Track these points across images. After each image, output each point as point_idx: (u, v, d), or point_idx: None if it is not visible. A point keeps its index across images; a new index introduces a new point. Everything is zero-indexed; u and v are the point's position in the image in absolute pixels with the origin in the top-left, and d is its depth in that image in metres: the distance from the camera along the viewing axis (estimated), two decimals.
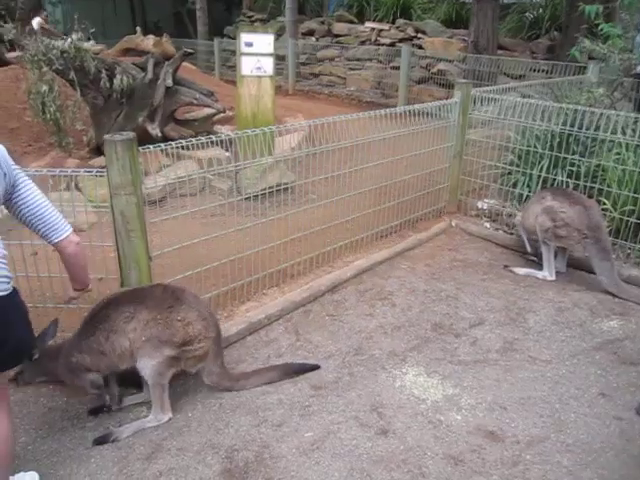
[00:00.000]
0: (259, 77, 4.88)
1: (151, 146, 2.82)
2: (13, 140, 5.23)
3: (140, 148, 2.96)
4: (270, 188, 3.72)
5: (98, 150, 5.15)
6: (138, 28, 7.53)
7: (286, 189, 3.85)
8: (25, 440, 2.39)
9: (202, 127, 5.46)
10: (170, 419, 2.47)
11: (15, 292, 1.82)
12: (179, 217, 2.99)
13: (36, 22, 11.69)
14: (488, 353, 2.98)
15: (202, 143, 3.01)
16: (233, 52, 13.12)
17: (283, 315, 3.30)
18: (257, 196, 3.78)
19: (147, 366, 2.32)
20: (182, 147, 2.99)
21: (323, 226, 3.79)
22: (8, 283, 1.73)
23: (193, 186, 4.75)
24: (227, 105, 5.96)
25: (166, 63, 4.91)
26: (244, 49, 4.76)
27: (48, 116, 4.22)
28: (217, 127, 5.74)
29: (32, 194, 1.90)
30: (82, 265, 2.14)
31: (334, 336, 3.12)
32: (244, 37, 4.71)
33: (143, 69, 5.01)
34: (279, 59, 11.87)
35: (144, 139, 4.80)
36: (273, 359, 2.93)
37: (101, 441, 2.35)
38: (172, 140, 5.04)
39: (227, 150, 4.45)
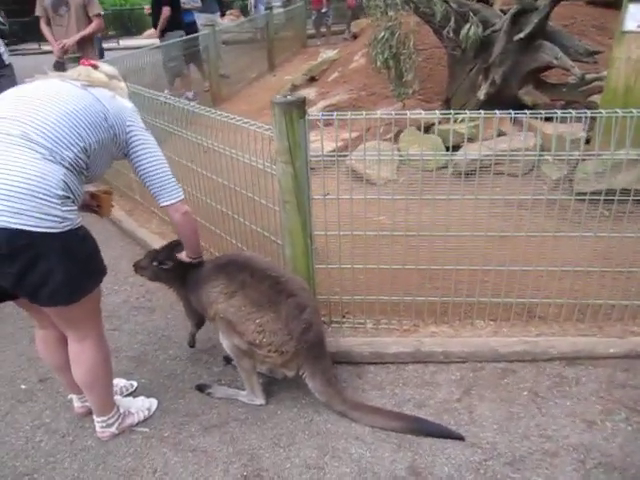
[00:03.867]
0: None
1: (482, 111, 2.39)
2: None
3: (468, 111, 2.44)
4: (611, 192, 2.54)
5: (447, 103, 4.86)
6: None
7: None
8: (173, 353, 2.74)
9: (570, 95, 4.37)
10: (262, 405, 2.34)
11: (70, 234, 1.68)
12: (465, 199, 2.49)
13: None
14: None
15: (543, 116, 2.31)
16: None
17: (471, 360, 2.53)
18: (585, 198, 2.66)
19: (223, 343, 2.25)
20: (523, 115, 2.39)
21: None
22: (61, 223, 1.64)
23: (515, 166, 3.94)
24: None
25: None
26: None
27: (378, 64, 4.15)
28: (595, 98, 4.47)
29: (145, 153, 1.91)
30: (188, 235, 2.13)
31: (506, 422, 2.21)
32: None
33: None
34: None
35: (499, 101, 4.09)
36: (405, 407, 2.32)
37: (200, 388, 2.46)
38: (522, 106, 4.38)
39: (589, 130, 3.45)
